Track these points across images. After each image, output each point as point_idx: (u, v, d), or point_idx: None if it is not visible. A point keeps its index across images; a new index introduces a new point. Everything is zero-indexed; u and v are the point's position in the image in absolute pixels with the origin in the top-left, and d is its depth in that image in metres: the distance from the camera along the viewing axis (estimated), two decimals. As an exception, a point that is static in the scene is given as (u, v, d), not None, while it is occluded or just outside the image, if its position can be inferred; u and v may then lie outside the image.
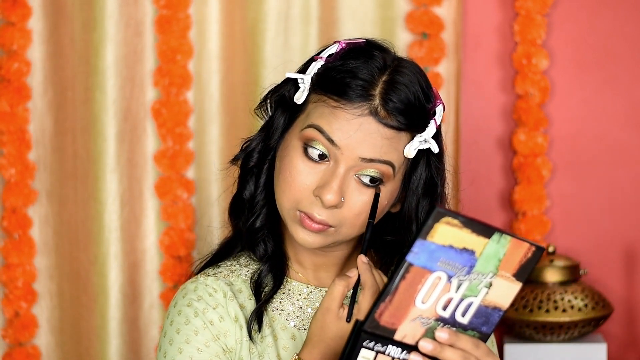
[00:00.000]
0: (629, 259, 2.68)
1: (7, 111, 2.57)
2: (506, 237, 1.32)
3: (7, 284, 2.59)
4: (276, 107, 1.58)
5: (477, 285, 1.34)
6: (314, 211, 1.49)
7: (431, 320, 1.36)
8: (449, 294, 1.34)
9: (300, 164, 1.49)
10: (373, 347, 1.35)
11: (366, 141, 1.47)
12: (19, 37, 2.56)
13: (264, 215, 1.59)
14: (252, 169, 1.59)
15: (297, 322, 1.58)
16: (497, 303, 1.37)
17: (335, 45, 1.55)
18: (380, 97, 1.48)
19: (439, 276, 1.33)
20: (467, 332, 1.38)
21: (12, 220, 2.59)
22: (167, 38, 2.57)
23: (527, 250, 1.34)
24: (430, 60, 2.60)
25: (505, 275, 1.35)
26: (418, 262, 1.31)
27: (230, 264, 1.62)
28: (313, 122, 1.49)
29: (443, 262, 1.32)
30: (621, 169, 2.68)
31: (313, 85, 1.53)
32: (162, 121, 2.58)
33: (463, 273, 1.33)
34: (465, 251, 1.32)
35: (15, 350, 2.59)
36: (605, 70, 2.67)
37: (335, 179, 1.47)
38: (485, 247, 1.32)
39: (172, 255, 2.60)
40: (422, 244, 1.30)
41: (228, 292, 1.56)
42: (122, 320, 2.60)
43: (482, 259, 1.33)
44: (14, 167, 2.58)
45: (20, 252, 2.58)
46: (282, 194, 1.51)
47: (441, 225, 1.30)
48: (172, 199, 2.60)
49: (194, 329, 1.53)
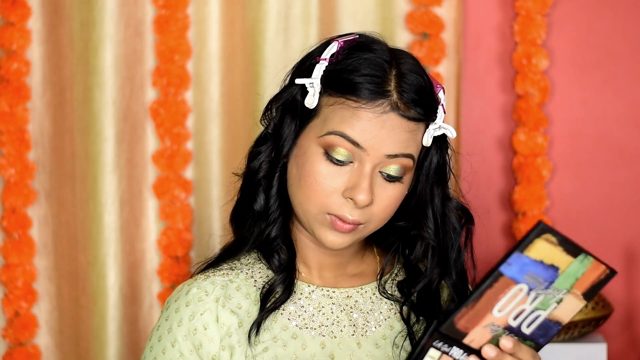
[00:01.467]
0: (629, 259, 2.68)
1: (7, 111, 2.57)
2: (589, 259, 1.35)
3: (7, 283, 2.59)
4: (283, 115, 1.56)
5: (550, 300, 1.38)
6: (346, 212, 1.49)
7: (500, 328, 1.38)
8: (523, 305, 1.37)
9: (324, 168, 1.49)
10: (440, 347, 1.39)
11: (390, 137, 1.48)
12: (19, 37, 2.57)
13: (279, 224, 1.58)
14: (261, 181, 1.58)
15: (299, 322, 1.57)
16: (559, 318, 1.40)
17: (335, 45, 1.54)
18: (397, 92, 1.48)
19: (521, 288, 1.36)
20: (526, 342, 1.41)
21: (11, 220, 2.59)
22: (165, 38, 2.57)
23: (602, 272, 1.37)
24: (430, 60, 2.60)
25: (576, 293, 1.38)
26: (509, 274, 1.34)
27: (231, 262, 1.62)
28: (335, 129, 1.49)
29: (529, 276, 1.35)
30: (621, 169, 2.69)
31: (323, 87, 1.52)
32: (160, 121, 2.58)
33: (542, 287, 1.36)
34: (551, 267, 1.35)
35: (15, 350, 2.60)
36: (605, 70, 2.67)
37: (364, 179, 1.48)
38: (569, 265, 1.35)
39: (169, 255, 2.60)
40: (519, 257, 1.33)
41: (221, 297, 1.56)
42: (121, 321, 2.60)
43: (563, 276, 1.36)
44: (14, 167, 2.58)
45: (20, 252, 2.59)
46: (307, 200, 1.51)
47: (540, 241, 1.32)
48: (170, 199, 2.60)
49: (173, 339, 1.53)
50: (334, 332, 1.55)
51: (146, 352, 1.55)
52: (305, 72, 1.55)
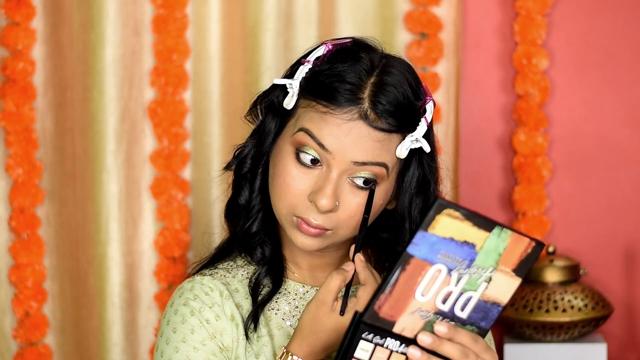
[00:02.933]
0: (629, 259, 2.67)
1: (13, 111, 2.57)
2: (507, 232, 1.32)
3: (17, 284, 2.59)
4: (266, 113, 1.57)
5: (477, 280, 1.34)
6: (310, 216, 1.49)
7: (430, 313, 1.35)
8: (448, 287, 1.34)
9: (293, 169, 1.50)
10: (372, 340, 1.35)
11: (357, 145, 1.47)
12: (24, 36, 2.57)
13: (260, 220, 1.59)
14: (246, 175, 1.59)
15: (293, 322, 1.58)
16: (496, 298, 1.36)
17: (322, 48, 1.54)
18: (369, 100, 1.48)
19: (439, 269, 1.33)
20: (466, 327, 1.38)
21: (20, 220, 2.59)
22: (163, 37, 2.57)
23: (527, 246, 1.34)
24: (428, 60, 2.59)
25: (505, 270, 1.34)
26: (419, 254, 1.31)
27: (227, 264, 1.62)
28: (303, 126, 1.49)
29: (443, 255, 1.32)
30: (621, 169, 2.68)
31: (302, 89, 1.52)
32: (158, 121, 2.58)
33: (463, 266, 1.33)
34: (466, 244, 1.32)
35: (26, 350, 2.60)
36: (605, 70, 2.67)
37: (329, 184, 1.48)
38: (485, 240, 1.32)
39: (166, 256, 2.59)
40: (423, 235, 1.30)
41: (224, 291, 1.57)
42: (120, 321, 2.59)
43: (483, 253, 1.33)
44: (21, 167, 2.58)
45: (29, 252, 2.59)
46: (277, 200, 1.52)
47: (443, 217, 1.29)
48: (167, 199, 2.59)
49: (190, 327, 1.54)
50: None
51: (162, 346, 1.54)
52: (291, 72, 1.56)
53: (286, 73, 1.59)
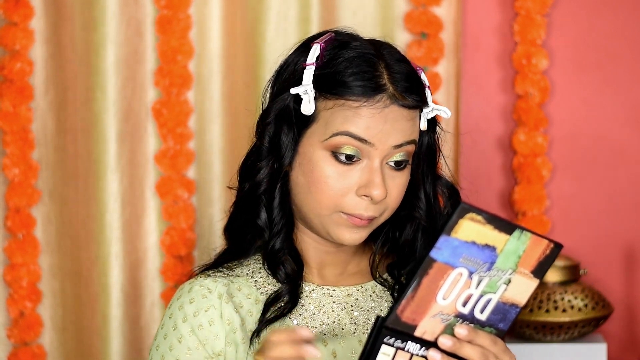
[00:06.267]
0: (629, 259, 2.68)
1: (10, 111, 2.58)
2: (527, 234, 1.33)
3: (12, 283, 2.60)
4: (278, 126, 1.55)
5: (497, 282, 1.35)
6: (361, 210, 1.50)
7: (451, 316, 1.36)
8: (469, 290, 1.35)
9: (333, 170, 1.49)
10: (393, 344, 1.35)
11: (395, 129, 1.49)
12: (22, 37, 2.57)
13: (283, 235, 1.58)
14: (262, 196, 1.57)
15: (300, 320, 1.58)
16: (514, 300, 1.37)
17: (317, 47, 1.52)
18: (391, 83, 1.49)
19: (461, 272, 1.33)
20: (485, 329, 1.38)
21: (15, 220, 2.59)
22: (167, 38, 2.58)
23: (545, 247, 1.35)
24: (428, 60, 2.60)
25: (524, 272, 1.35)
26: (441, 258, 1.32)
27: (230, 264, 1.62)
28: (339, 130, 1.49)
29: (465, 259, 1.32)
30: (621, 169, 2.68)
31: (317, 92, 1.51)
32: (163, 121, 2.59)
33: (484, 269, 1.34)
34: (487, 247, 1.32)
35: (20, 350, 2.60)
36: (605, 70, 2.67)
37: (376, 174, 1.49)
38: (506, 243, 1.33)
39: (173, 255, 2.61)
40: (446, 239, 1.31)
41: (224, 294, 1.56)
42: (123, 319, 2.61)
43: (503, 256, 1.33)
44: (17, 167, 2.58)
45: (24, 252, 2.59)
46: (319, 205, 1.51)
47: (465, 221, 1.30)
48: (173, 199, 2.61)
49: (179, 336, 1.54)
50: (335, 331, 1.56)
51: (152, 351, 1.56)
52: (292, 80, 1.54)
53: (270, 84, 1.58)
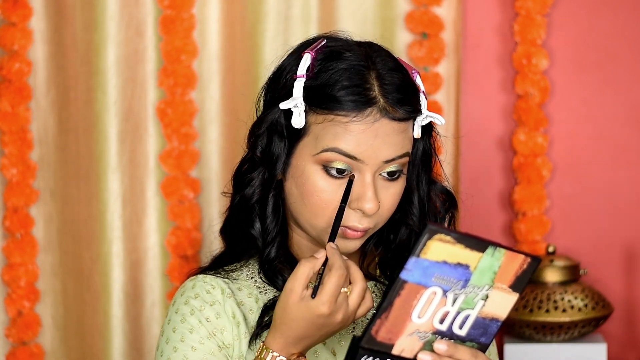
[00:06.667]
0: (629, 259, 2.68)
1: (9, 111, 2.57)
2: (500, 250, 1.32)
3: (10, 283, 2.60)
4: (270, 137, 1.54)
5: (474, 298, 1.34)
6: (355, 222, 1.49)
7: (428, 333, 1.36)
8: (445, 307, 1.34)
9: (325, 184, 1.48)
10: None
11: (385, 143, 1.47)
12: (20, 37, 2.57)
13: (277, 243, 1.58)
14: (255, 205, 1.57)
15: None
16: (494, 314, 1.36)
17: (307, 57, 1.50)
18: (382, 96, 1.47)
19: (434, 291, 1.33)
20: (466, 344, 1.38)
21: (14, 220, 2.59)
22: (171, 38, 2.58)
23: (522, 262, 1.34)
24: (430, 60, 2.60)
25: (502, 287, 1.35)
26: (412, 279, 1.31)
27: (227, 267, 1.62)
28: (329, 146, 1.47)
29: (437, 278, 1.32)
30: (621, 169, 2.68)
31: (307, 105, 1.49)
32: (168, 121, 2.59)
33: (458, 287, 1.33)
34: (459, 266, 1.32)
35: (18, 350, 2.60)
36: (605, 70, 2.67)
37: (368, 188, 1.47)
38: (479, 261, 1.32)
39: (179, 255, 2.61)
40: (416, 261, 1.30)
41: (226, 290, 1.56)
42: (124, 318, 2.61)
43: (477, 273, 1.33)
44: (16, 167, 2.58)
45: (22, 252, 2.59)
46: (314, 217, 1.51)
47: (434, 242, 1.29)
48: (179, 199, 2.61)
49: (189, 327, 1.53)
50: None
51: (162, 345, 1.54)
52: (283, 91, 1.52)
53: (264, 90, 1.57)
